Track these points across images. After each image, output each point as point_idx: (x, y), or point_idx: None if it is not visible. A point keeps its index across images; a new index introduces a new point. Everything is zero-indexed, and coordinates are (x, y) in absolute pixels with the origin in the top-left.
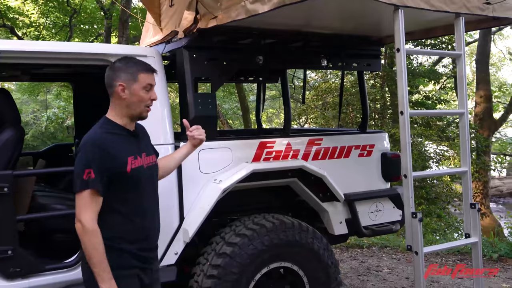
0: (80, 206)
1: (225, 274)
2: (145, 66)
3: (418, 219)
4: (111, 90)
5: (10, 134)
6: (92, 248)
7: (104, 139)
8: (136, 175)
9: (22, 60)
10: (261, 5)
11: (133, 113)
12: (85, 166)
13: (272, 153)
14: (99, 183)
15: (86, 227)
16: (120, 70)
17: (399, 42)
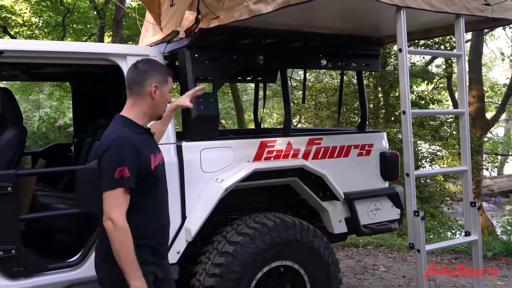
0: (111, 204)
1: (227, 273)
2: (168, 70)
3: (420, 217)
4: (141, 90)
5: (13, 133)
6: (123, 245)
7: (133, 138)
8: (158, 172)
9: (25, 60)
10: (264, 6)
11: (157, 113)
12: (118, 164)
13: (273, 153)
14: (133, 180)
15: (118, 224)
16: (151, 71)
17: (401, 43)
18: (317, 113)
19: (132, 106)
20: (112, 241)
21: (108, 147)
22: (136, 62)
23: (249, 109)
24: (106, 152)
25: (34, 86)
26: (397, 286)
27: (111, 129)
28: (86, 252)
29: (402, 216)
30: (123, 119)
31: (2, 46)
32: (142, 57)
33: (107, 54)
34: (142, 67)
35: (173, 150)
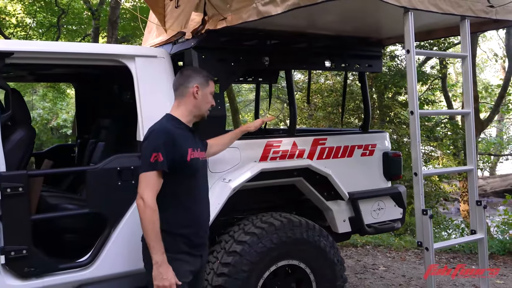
0: (144, 185)
1: (236, 272)
2: (209, 75)
3: (429, 215)
4: (185, 91)
5: (22, 134)
6: (150, 223)
7: (172, 129)
8: (194, 165)
9: (34, 61)
10: (274, 7)
11: (200, 111)
12: (153, 150)
13: (279, 153)
14: (166, 165)
15: (147, 204)
16: (194, 74)
17: (409, 44)
18: (312, 114)
19: (178, 105)
20: (141, 218)
21: (148, 135)
22: (181, 69)
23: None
24: (146, 140)
25: (28, 87)
26: (397, 285)
27: (156, 123)
28: (96, 252)
29: (405, 216)
30: (169, 116)
31: (12, 47)
32: (150, 58)
33: (115, 55)
34: (186, 72)
35: None
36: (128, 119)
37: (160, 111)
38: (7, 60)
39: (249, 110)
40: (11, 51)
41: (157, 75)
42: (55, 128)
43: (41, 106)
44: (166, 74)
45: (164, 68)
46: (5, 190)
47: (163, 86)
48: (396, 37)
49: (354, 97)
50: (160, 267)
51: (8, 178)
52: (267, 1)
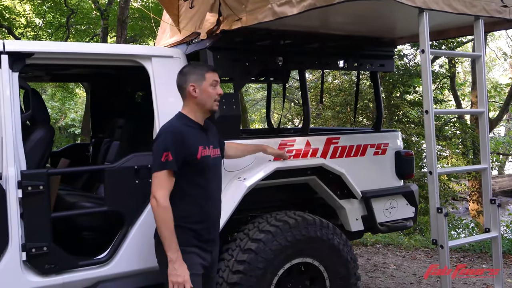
0: (156, 184)
1: (251, 270)
2: (209, 66)
3: (444, 214)
4: (184, 92)
5: (42, 133)
6: (163, 221)
7: (181, 128)
8: (205, 162)
9: (53, 61)
10: (289, 8)
11: (204, 107)
12: (164, 150)
13: (293, 152)
14: (175, 164)
15: (160, 202)
16: (188, 73)
17: (424, 44)
18: (320, 113)
19: (184, 105)
20: (155, 217)
21: (159, 135)
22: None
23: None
24: (156, 140)
25: (37, 87)
26: (408, 283)
27: (167, 123)
28: (114, 249)
29: (417, 214)
30: (179, 115)
31: (32, 47)
32: (166, 58)
33: (132, 56)
34: (182, 71)
35: None
36: (142, 118)
37: (176, 110)
38: (28, 60)
39: (256, 109)
40: (31, 51)
41: (173, 75)
42: (63, 128)
43: (50, 106)
44: None
45: (179, 68)
46: (26, 188)
47: None
48: (408, 37)
49: (363, 96)
50: (175, 263)
51: (29, 176)
52: (282, 1)
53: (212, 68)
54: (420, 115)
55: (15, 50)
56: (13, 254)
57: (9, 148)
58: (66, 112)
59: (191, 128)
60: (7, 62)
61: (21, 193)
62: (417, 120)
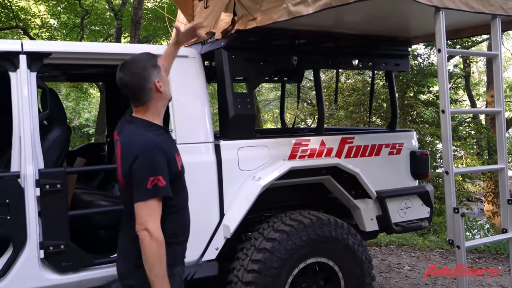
0: (146, 215)
1: (266, 269)
2: (152, 54)
3: (460, 214)
4: (150, 93)
5: (59, 133)
6: (159, 258)
7: (160, 142)
8: (183, 171)
9: (71, 61)
10: (305, 7)
11: (167, 98)
12: (151, 174)
13: (307, 151)
14: (168, 188)
15: (155, 236)
16: (146, 68)
17: (440, 43)
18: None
19: (146, 109)
20: (146, 252)
21: (136, 156)
22: (123, 67)
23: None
24: (136, 161)
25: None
26: (423, 284)
27: (134, 135)
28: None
29: (432, 215)
30: (143, 122)
31: (50, 47)
32: (182, 58)
33: None
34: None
35: (211, 149)
36: None
37: (191, 109)
38: (45, 60)
39: (269, 109)
40: (49, 51)
41: (188, 75)
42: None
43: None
44: (197, 74)
45: (195, 67)
46: (44, 186)
47: (194, 85)
48: (423, 36)
49: (376, 96)
50: None
51: (47, 175)
52: (298, 1)
53: (154, 54)
54: (434, 115)
55: (33, 50)
56: (31, 251)
57: (27, 147)
58: (80, 112)
59: (162, 137)
60: (25, 62)
61: (39, 192)
62: (431, 120)
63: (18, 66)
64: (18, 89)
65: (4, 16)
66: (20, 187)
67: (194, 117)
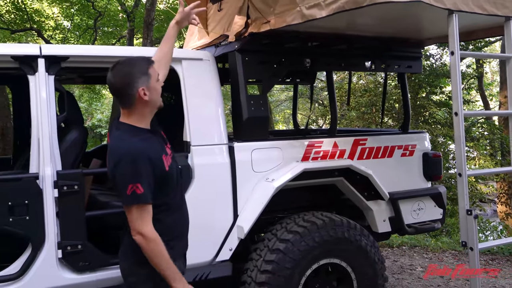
0: (135, 220)
1: (279, 270)
2: (147, 60)
3: (473, 216)
4: (132, 99)
5: (76, 135)
6: (159, 255)
7: (143, 147)
8: (171, 171)
9: (87, 64)
10: (318, 11)
11: (155, 106)
12: (129, 181)
13: (320, 153)
14: (148, 195)
15: (148, 237)
16: (131, 74)
17: (453, 45)
18: (344, 114)
19: (130, 113)
20: (147, 254)
21: (118, 161)
22: (113, 67)
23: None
24: (117, 167)
25: None
26: (436, 285)
27: (118, 140)
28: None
29: (445, 216)
30: (129, 128)
31: (67, 51)
32: (196, 61)
33: None
34: (120, 74)
35: (225, 151)
36: (171, 119)
37: (206, 111)
38: (63, 64)
39: (280, 110)
40: (67, 55)
41: (202, 77)
42: (90, 128)
43: None
44: (211, 76)
45: (209, 70)
46: (62, 188)
47: (208, 87)
48: (435, 38)
49: (388, 97)
50: None
51: (65, 176)
52: (311, 4)
53: (150, 60)
54: (446, 116)
55: (51, 54)
56: (49, 251)
57: (45, 149)
58: (93, 113)
59: (147, 141)
60: (44, 66)
61: (57, 193)
62: (444, 121)
63: (37, 70)
64: (36, 92)
65: (19, 18)
66: (38, 188)
67: (208, 119)
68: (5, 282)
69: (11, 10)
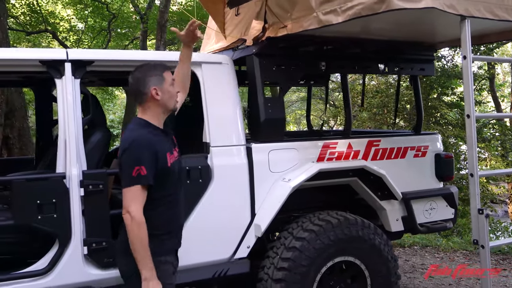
0: (129, 199)
1: (295, 267)
2: (163, 66)
3: (485, 215)
4: (145, 97)
5: (100, 136)
6: (139, 238)
7: (150, 138)
8: (174, 168)
9: (110, 68)
10: (335, 16)
11: (168, 108)
12: (135, 163)
13: (335, 154)
14: (150, 178)
15: (135, 218)
16: (146, 76)
17: (465, 50)
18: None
19: (144, 111)
20: (129, 233)
21: (128, 147)
22: (133, 70)
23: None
24: (125, 152)
25: None
26: (447, 285)
27: (131, 131)
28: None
29: (456, 216)
30: (141, 122)
31: (93, 56)
32: (215, 64)
33: None
34: (137, 75)
35: (243, 152)
36: (190, 120)
37: (224, 113)
38: (88, 67)
39: (291, 110)
40: (92, 59)
41: (221, 80)
42: None
43: None
44: (230, 79)
45: (228, 73)
46: (88, 187)
47: (227, 90)
48: (448, 41)
49: (400, 98)
50: (149, 282)
51: (90, 176)
52: (327, 10)
53: (167, 66)
54: (458, 117)
55: (77, 58)
56: (75, 248)
57: (72, 150)
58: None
59: (156, 136)
60: (70, 70)
61: (83, 192)
62: (455, 122)
63: (64, 73)
64: (63, 95)
65: (34, 20)
66: (65, 188)
67: (227, 120)
68: (34, 277)
69: (26, 12)
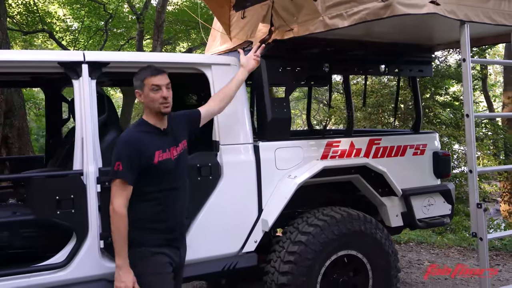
0: (112, 192)
1: (301, 260)
2: (149, 71)
3: (483, 209)
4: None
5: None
6: (117, 229)
7: (135, 137)
8: (164, 165)
9: (125, 69)
10: (341, 21)
11: (153, 109)
12: (116, 159)
13: (338, 152)
14: (128, 174)
15: (116, 210)
16: (135, 79)
17: (465, 53)
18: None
19: (144, 109)
20: (111, 224)
21: (116, 144)
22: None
23: None
24: (114, 148)
25: None
26: (443, 279)
27: (126, 129)
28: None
29: (453, 212)
30: (139, 120)
31: (108, 57)
32: (224, 66)
33: (194, 64)
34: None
35: (251, 150)
36: None
37: (233, 113)
38: (104, 69)
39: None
40: (107, 61)
41: None
42: None
43: None
44: None
45: None
46: (104, 183)
47: None
48: (445, 44)
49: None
50: (120, 269)
51: (107, 173)
52: (334, 14)
53: (153, 72)
54: (451, 117)
55: (93, 60)
56: (92, 242)
57: (89, 148)
58: None
59: (147, 134)
60: (87, 71)
61: (99, 188)
62: (449, 122)
63: (81, 74)
64: (80, 95)
65: (30, 20)
66: (83, 184)
67: (235, 119)
68: (53, 269)
69: (22, 12)
